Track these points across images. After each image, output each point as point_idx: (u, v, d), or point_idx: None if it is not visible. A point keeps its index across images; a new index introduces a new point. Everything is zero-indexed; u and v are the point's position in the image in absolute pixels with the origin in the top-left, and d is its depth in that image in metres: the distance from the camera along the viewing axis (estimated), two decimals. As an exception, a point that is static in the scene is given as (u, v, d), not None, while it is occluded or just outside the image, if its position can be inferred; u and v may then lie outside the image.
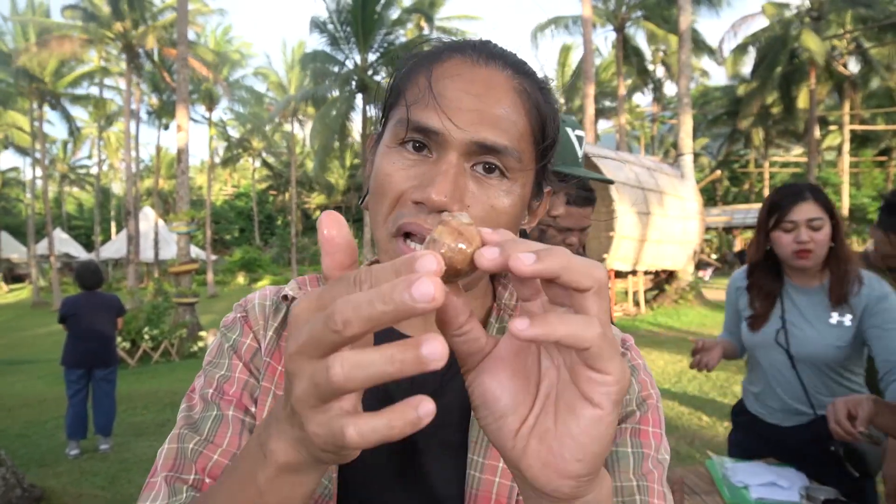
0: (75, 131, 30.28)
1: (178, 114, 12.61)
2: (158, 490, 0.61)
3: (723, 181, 39.01)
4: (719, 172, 34.87)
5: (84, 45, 22.26)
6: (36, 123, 26.36)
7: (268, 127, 37.41)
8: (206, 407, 0.67)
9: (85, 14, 22.19)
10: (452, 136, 0.59)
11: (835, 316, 1.97)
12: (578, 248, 2.50)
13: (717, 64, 28.04)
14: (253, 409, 0.68)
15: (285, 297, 0.73)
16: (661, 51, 27.71)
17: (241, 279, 31.31)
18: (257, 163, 43.98)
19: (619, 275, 13.06)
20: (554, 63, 35.03)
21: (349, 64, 21.66)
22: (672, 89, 29.47)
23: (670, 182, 13.80)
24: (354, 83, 21.18)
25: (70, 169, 42.83)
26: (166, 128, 30.97)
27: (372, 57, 21.59)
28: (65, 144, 40.89)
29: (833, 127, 31.34)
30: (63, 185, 44.40)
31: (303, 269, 31.65)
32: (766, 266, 2.11)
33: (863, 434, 1.67)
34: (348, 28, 20.72)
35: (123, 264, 31.00)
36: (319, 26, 20.82)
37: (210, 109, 32.08)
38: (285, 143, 41.24)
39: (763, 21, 26.28)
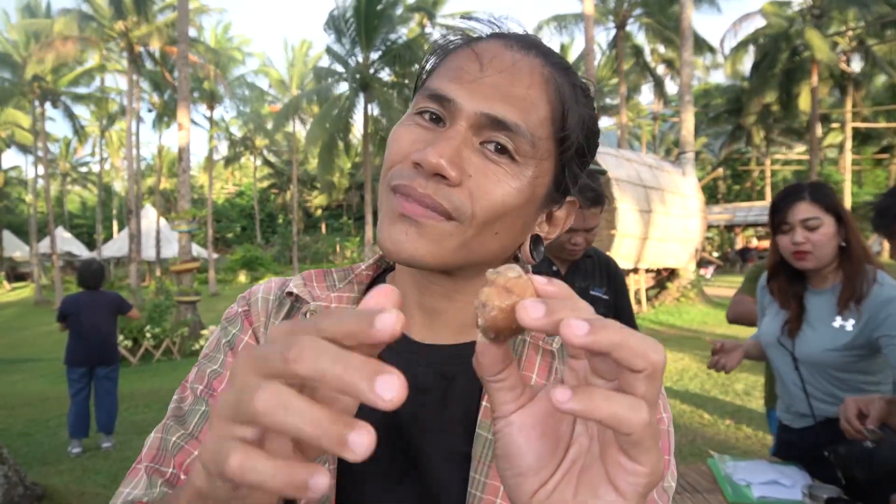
0: (79, 130, 30.28)
1: (180, 112, 12.61)
2: (139, 479, 0.62)
3: (725, 179, 38.96)
4: (721, 170, 34.84)
5: (86, 45, 22.27)
6: (38, 122, 26.39)
7: (270, 125, 37.43)
8: (196, 401, 0.66)
9: (86, 13, 22.18)
10: (463, 106, 0.57)
11: (838, 320, 1.90)
12: (585, 249, 2.47)
13: (716, 65, 28.00)
14: None
15: (290, 294, 0.71)
16: (661, 49, 27.66)
17: (243, 277, 31.36)
18: (259, 161, 43.99)
19: (621, 273, 13.05)
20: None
21: (352, 62, 21.65)
22: (673, 87, 29.43)
23: (672, 180, 13.78)
24: (357, 81, 21.17)
25: (72, 167, 42.87)
26: (168, 126, 30.98)
27: (374, 55, 21.58)
28: (67, 143, 40.92)
29: (835, 125, 31.27)
30: (65, 184, 44.46)
31: (304, 268, 31.65)
32: (784, 269, 2.05)
33: (870, 432, 1.64)
34: (352, 26, 20.71)
35: (125, 263, 31.06)
36: (331, 23, 20.76)
37: (211, 108, 32.09)
38: (287, 142, 41.23)
39: (764, 20, 26.22)
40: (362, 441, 0.29)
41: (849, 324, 1.88)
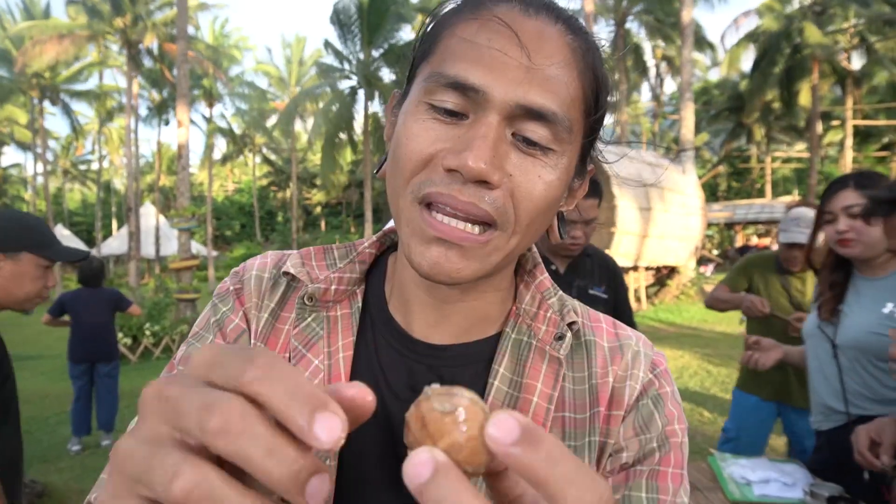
0: (77, 126, 30.23)
1: (179, 109, 12.58)
2: None
3: (725, 177, 38.95)
4: (721, 168, 34.82)
5: (83, 42, 22.22)
6: (36, 119, 26.35)
7: (270, 121, 37.39)
8: None
9: (85, 9, 22.15)
10: (494, 96, 0.51)
11: (889, 306, 1.83)
12: (584, 243, 2.43)
13: (716, 62, 27.96)
14: None
15: (286, 273, 0.66)
16: (662, 45, 27.62)
17: (243, 275, 31.27)
18: (258, 159, 43.96)
19: (621, 270, 13.06)
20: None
21: (354, 59, 21.63)
22: (673, 85, 29.40)
23: (671, 177, 13.77)
24: (357, 79, 21.15)
25: (72, 165, 42.83)
26: (167, 123, 30.93)
27: (376, 53, 21.55)
28: (69, 141, 40.89)
29: (835, 122, 31.24)
30: (65, 182, 44.42)
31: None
32: (833, 260, 2.01)
33: (888, 462, 1.52)
34: (356, 23, 20.68)
35: (125, 260, 31.03)
36: (335, 18, 20.71)
37: (210, 105, 32.06)
38: (286, 139, 41.21)
39: (759, 18, 26.19)
40: (328, 423, 0.25)
41: None
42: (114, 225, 44.16)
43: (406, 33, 22.05)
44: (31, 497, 4.07)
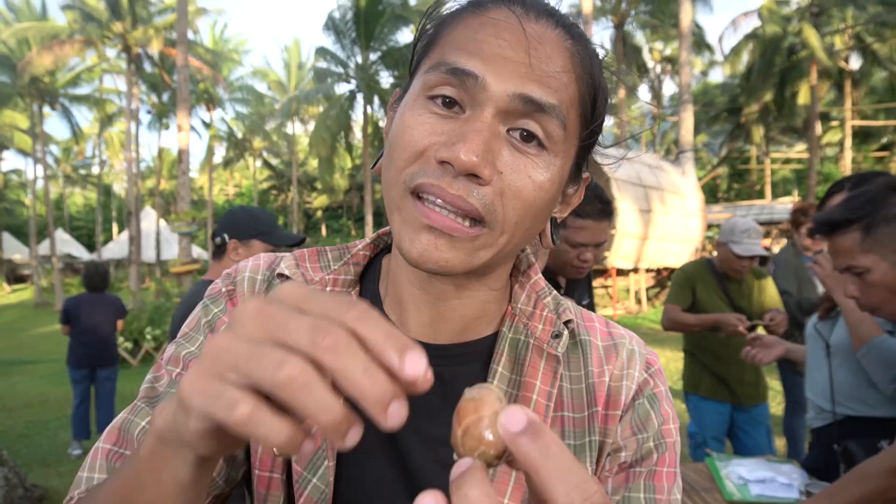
0: (78, 131, 30.28)
1: (179, 114, 12.61)
2: (100, 463, 0.58)
3: (724, 178, 38.96)
4: (720, 169, 34.82)
5: (83, 47, 22.27)
6: (36, 124, 26.39)
7: (270, 126, 37.41)
8: (171, 384, 0.63)
9: (83, 14, 22.19)
10: (491, 87, 0.51)
11: None
12: (592, 265, 2.36)
13: (713, 63, 28.00)
14: None
15: (280, 275, 0.67)
16: (661, 47, 27.67)
17: (243, 279, 31.25)
18: (258, 162, 44.03)
19: (621, 273, 13.05)
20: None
21: (351, 63, 21.67)
22: (671, 87, 29.44)
23: (671, 179, 13.79)
24: (356, 83, 21.20)
25: (73, 169, 42.89)
26: (167, 128, 30.99)
27: (373, 56, 21.59)
28: (68, 145, 40.96)
29: (834, 123, 31.26)
30: (66, 186, 44.47)
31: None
32: None
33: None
34: (352, 28, 20.72)
35: (125, 265, 31.04)
36: (329, 24, 20.78)
37: (210, 110, 32.12)
38: (286, 143, 41.27)
39: (760, 20, 26.24)
40: (354, 438, 0.31)
41: None
42: (114, 229, 44.21)
43: (404, 35, 22.11)
44: (31, 501, 4.07)
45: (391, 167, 0.55)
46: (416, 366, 0.30)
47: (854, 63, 26.07)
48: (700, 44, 25.03)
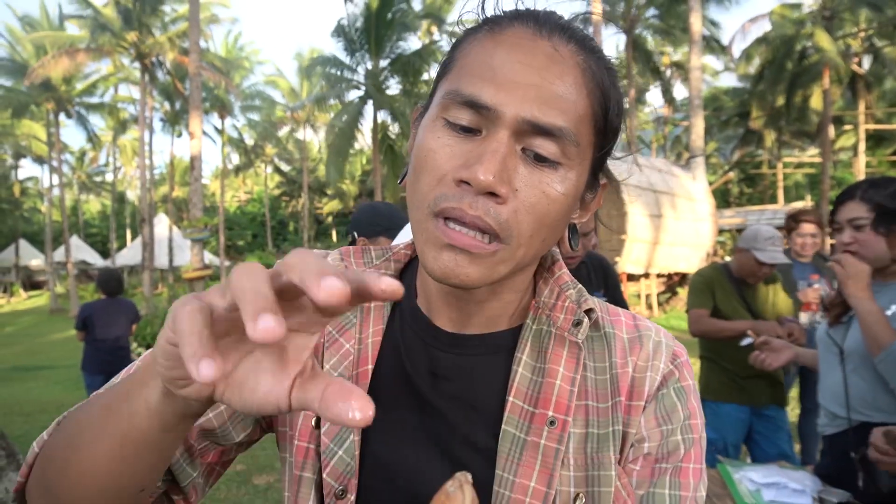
0: (94, 139, 30.66)
1: (192, 121, 12.74)
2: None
3: (736, 183, 38.71)
4: (732, 174, 34.59)
5: (98, 56, 22.57)
6: (52, 131, 26.76)
7: (282, 132, 37.63)
8: None
9: (96, 24, 22.48)
10: (503, 112, 0.54)
11: (893, 308, 1.83)
12: (583, 255, 2.49)
13: (727, 66, 27.84)
14: None
15: None
16: (671, 52, 27.58)
17: (255, 285, 31.36)
18: (269, 169, 44.32)
19: (632, 278, 12.99)
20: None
21: (361, 70, 21.76)
22: (681, 91, 29.34)
23: (682, 184, 13.72)
24: (365, 89, 21.28)
25: (87, 177, 43.41)
26: (179, 135, 31.29)
27: (383, 63, 21.68)
28: (82, 153, 41.45)
29: (848, 127, 30.98)
30: (80, 193, 45.00)
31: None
32: None
33: None
34: (362, 35, 20.81)
35: (138, 271, 31.31)
36: (339, 31, 20.88)
37: (223, 117, 32.40)
38: (298, 150, 41.52)
39: (775, 22, 26.08)
40: (265, 325, 0.33)
41: None
42: (128, 235, 44.65)
43: (412, 43, 22.18)
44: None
45: (417, 189, 0.59)
46: (331, 287, 0.34)
47: (867, 66, 25.87)
48: (712, 46, 24.89)
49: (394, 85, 21.93)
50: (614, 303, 2.48)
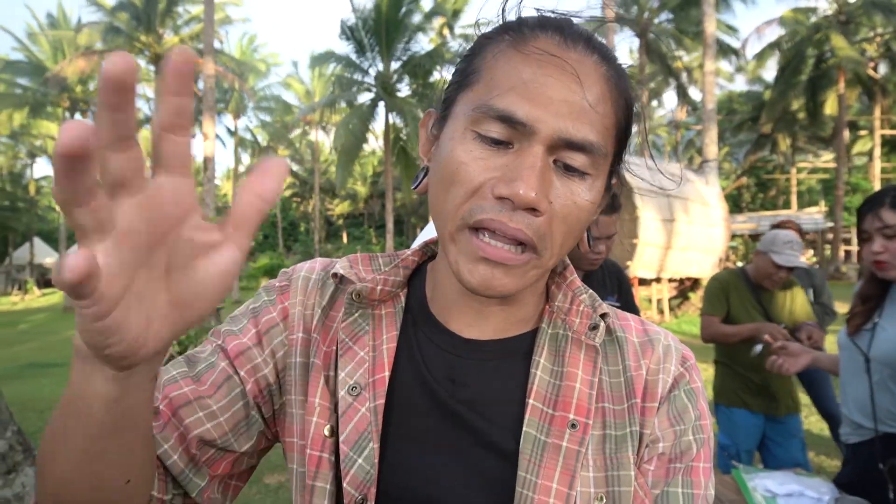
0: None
1: (205, 122, 12.85)
2: None
3: (749, 188, 38.43)
4: (745, 179, 34.35)
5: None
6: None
7: (294, 133, 37.82)
8: (211, 352, 0.68)
9: (110, 27, 22.73)
10: (539, 129, 0.55)
11: None
12: (605, 257, 2.48)
13: (739, 70, 27.65)
14: (242, 373, 0.66)
15: (335, 275, 0.70)
16: (684, 57, 27.44)
17: (265, 285, 31.62)
18: (281, 170, 44.55)
19: (643, 282, 12.92)
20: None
21: (372, 72, 21.81)
22: (696, 94, 29.16)
23: (695, 189, 13.64)
24: (376, 91, 21.33)
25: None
26: (192, 136, 31.53)
27: (395, 65, 21.72)
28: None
29: (863, 132, 30.67)
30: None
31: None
32: (870, 272, 1.96)
33: None
34: (372, 36, 20.85)
35: (151, 270, 31.55)
36: (346, 32, 20.94)
37: (236, 118, 32.65)
38: (310, 151, 41.72)
39: (782, 28, 25.90)
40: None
41: None
42: (140, 235, 45.02)
43: (423, 44, 22.18)
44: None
45: (447, 201, 0.59)
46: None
47: (883, 71, 25.60)
48: (726, 50, 24.72)
49: (404, 87, 21.97)
50: (626, 307, 2.50)
